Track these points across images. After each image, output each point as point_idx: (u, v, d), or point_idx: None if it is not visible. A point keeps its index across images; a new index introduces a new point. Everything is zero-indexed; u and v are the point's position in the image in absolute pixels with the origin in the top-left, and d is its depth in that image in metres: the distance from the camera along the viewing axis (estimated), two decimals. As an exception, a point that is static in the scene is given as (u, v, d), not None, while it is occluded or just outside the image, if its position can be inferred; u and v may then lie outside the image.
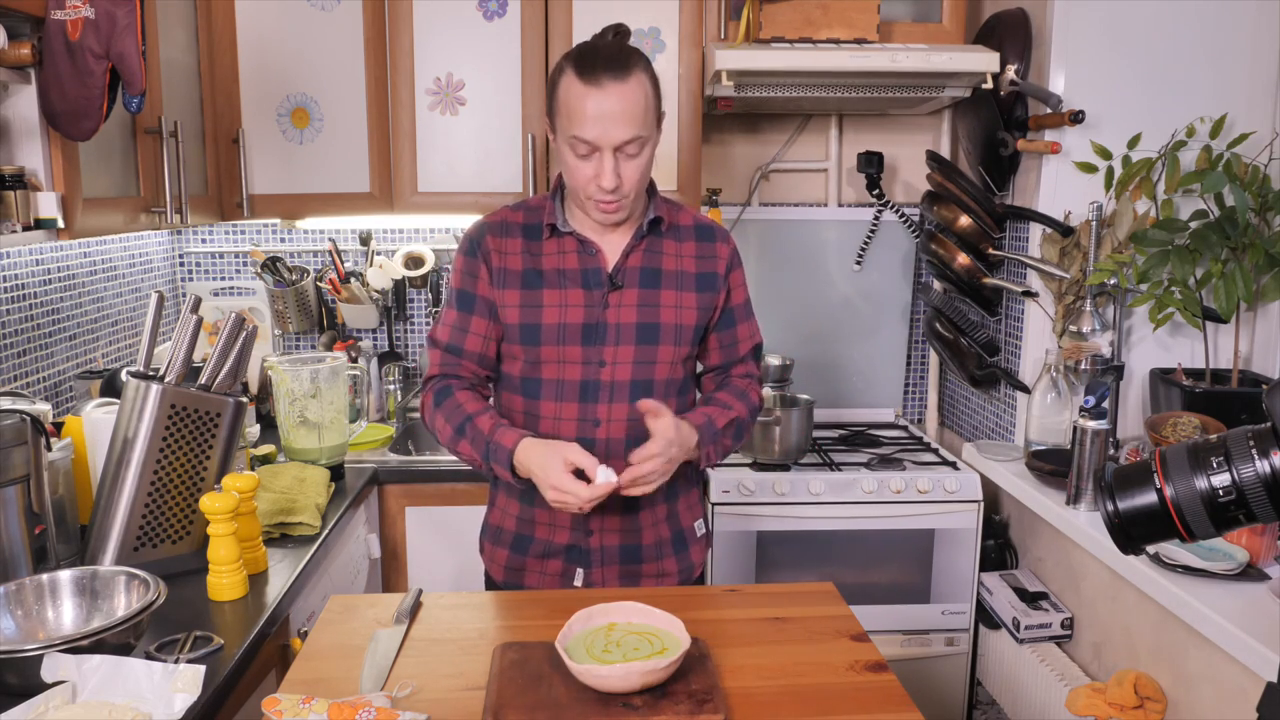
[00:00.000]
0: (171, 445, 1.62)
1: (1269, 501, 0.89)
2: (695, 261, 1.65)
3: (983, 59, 2.31)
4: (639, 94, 1.48)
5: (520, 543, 1.68)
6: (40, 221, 1.61)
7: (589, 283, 1.60)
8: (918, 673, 2.49)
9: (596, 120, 1.47)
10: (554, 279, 1.60)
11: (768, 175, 2.90)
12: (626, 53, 1.51)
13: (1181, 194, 2.25)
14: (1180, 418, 2.11)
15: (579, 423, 1.61)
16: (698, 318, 1.64)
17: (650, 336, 1.60)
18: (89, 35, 1.52)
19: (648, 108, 1.50)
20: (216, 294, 2.87)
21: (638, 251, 1.62)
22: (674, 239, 1.65)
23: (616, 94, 1.46)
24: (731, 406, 1.66)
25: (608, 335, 1.59)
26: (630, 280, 1.61)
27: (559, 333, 1.59)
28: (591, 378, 1.60)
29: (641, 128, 1.49)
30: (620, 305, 1.60)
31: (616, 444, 1.59)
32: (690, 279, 1.64)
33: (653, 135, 1.54)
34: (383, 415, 2.78)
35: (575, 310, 1.59)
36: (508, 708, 1.17)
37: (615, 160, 1.49)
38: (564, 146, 1.53)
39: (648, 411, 1.51)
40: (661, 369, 1.62)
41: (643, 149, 1.52)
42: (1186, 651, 1.75)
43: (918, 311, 2.95)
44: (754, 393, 1.73)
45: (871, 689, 1.27)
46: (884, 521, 2.41)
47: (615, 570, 1.66)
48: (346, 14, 2.42)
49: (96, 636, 1.26)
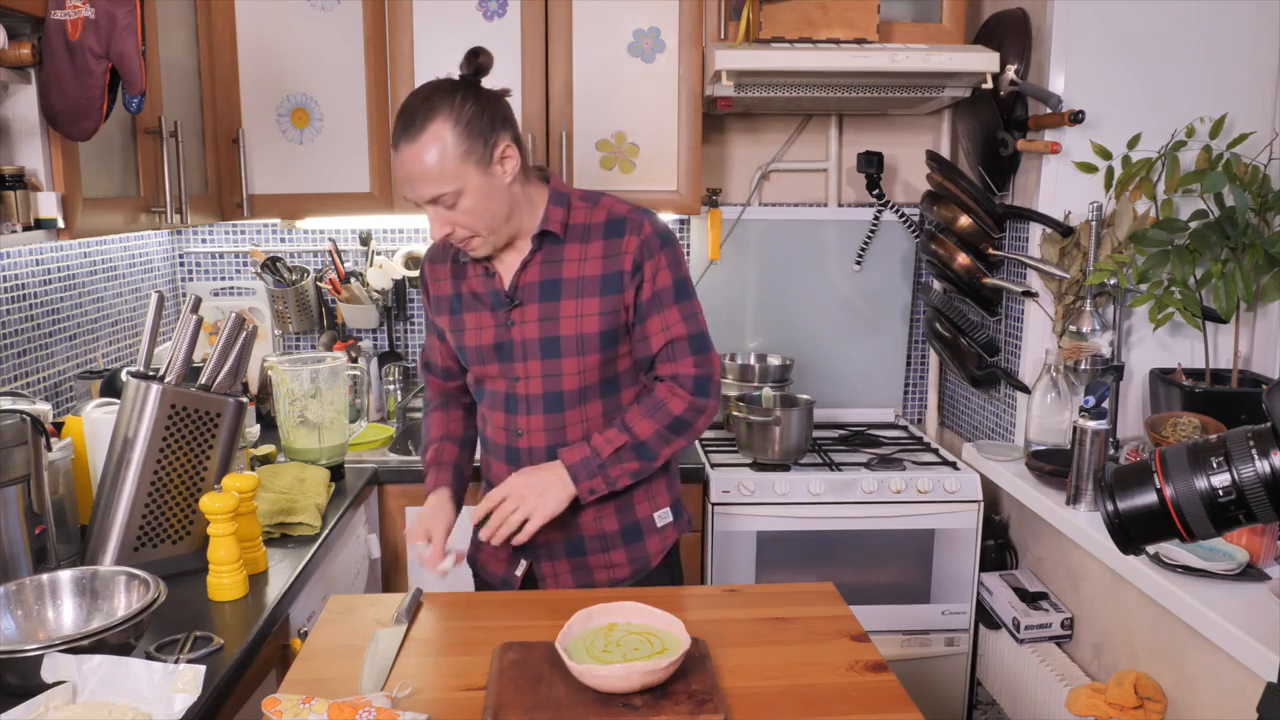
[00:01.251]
0: (171, 445, 1.62)
1: (1269, 501, 0.89)
2: (601, 263, 1.61)
3: (983, 59, 2.31)
4: (432, 149, 1.48)
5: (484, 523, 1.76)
6: (40, 221, 1.61)
7: (494, 304, 1.65)
8: (918, 673, 2.49)
9: (405, 182, 1.53)
10: (469, 302, 1.68)
11: (768, 175, 2.90)
12: (429, 103, 1.49)
13: (1181, 194, 2.25)
14: (1180, 418, 2.11)
15: (505, 431, 1.69)
16: (601, 324, 1.61)
17: (553, 350, 1.62)
18: (89, 35, 1.52)
19: (447, 157, 1.48)
20: (216, 294, 2.87)
21: (533, 266, 1.62)
22: (579, 242, 1.62)
23: (410, 156, 1.49)
24: (631, 428, 1.61)
25: (514, 352, 1.64)
26: (529, 296, 1.62)
27: (478, 353, 1.67)
28: (511, 391, 1.67)
29: (444, 182, 1.49)
30: (523, 322, 1.63)
31: (538, 452, 1.66)
32: (594, 283, 1.61)
33: (469, 180, 1.51)
34: (383, 415, 2.78)
35: (487, 331, 1.66)
36: (508, 708, 1.17)
37: (436, 211, 1.53)
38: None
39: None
40: (570, 380, 1.63)
41: (459, 198, 1.51)
42: (1186, 652, 1.75)
43: (918, 311, 2.95)
44: (676, 400, 1.63)
45: (871, 689, 1.27)
46: (884, 521, 2.41)
47: (565, 564, 1.72)
48: (346, 14, 2.42)
49: (96, 636, 1.26)
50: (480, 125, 1.51)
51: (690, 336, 1.63)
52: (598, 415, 1.66)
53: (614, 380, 1.67)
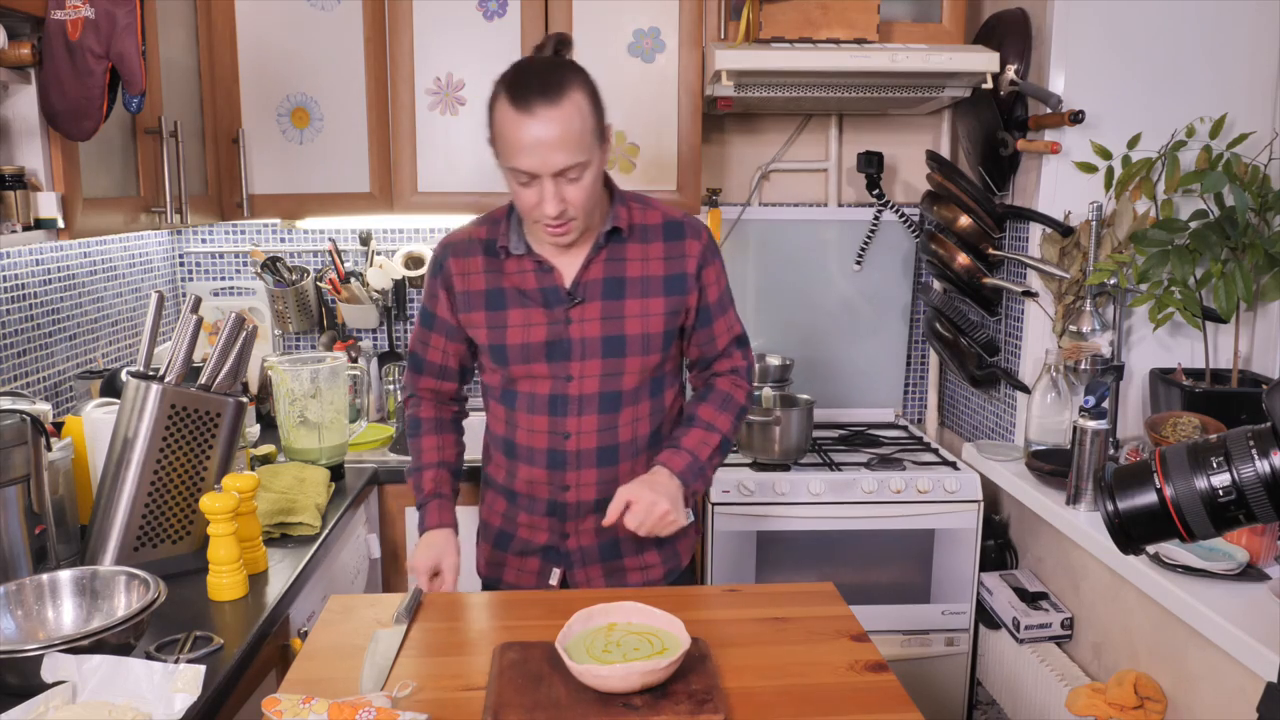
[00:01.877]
0: (171, 445, 1.61)
1: (1269, 501, 0.89)
2: (663, 264, 1.61)
3: (983, 59, 2.31)
4: (574, 117, 1.42)
5: (502, 539, 1.74)
6: (40, 221, 1.61)
7: (549, 301, 1.59)
8: (918, 673, 2.49)
9: (532, 149, 1.42)
10: (516, 298, 1.61)
11: (768, 175, 2.90)
12: (561, 71, 1.45)
13: (1181, 194, 2.25)
14: (1180, 418, 2.11)
15: (549, 435, 1.63)
16: (666, 323, 1.61)
17: (616, 349, 1.59)
18: (89, 35, 1.52)
19: (585, 129, 1.44)
20: (216, 294, 2.87)
21: (597, 263, 1.59)
22: (640, 242, 1.61)
23: (549, 120, 1.41)
24: (714, 425, 1.64)
25: (572, 351, 1.59)
26: (591, 293, 1.59)
27: (524, 351, 1.60)
28: (559, 392, 1.61)
29: (579, 152, 1.44)
30: (583, 320, 1.59)
31: (587, 455, 1.63)
32: (657, 283, 1.60)
33: (595, 155, 1.48)
34: (383, 415, 2.78)
35: (538, 329, 1.59)
36: (508, 708, 1.17)
37: (556, 186, 1.45)
38: (506, 173, 1.50)
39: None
40: (630, 379, 1.61)
41: (584, 172, 1.46)
42: (1186, 651, 1.75)
43: (918, 311, 2.95)
44: (739, 390, 1.70)
45: (871, 689, 1.27)
46: (884, 521, 2.41)
47: (598, 569, 1.70)
48: (346, 14, 2.42)
49: (96, 636, 1.26)
50: (600, 102, 1.49)
51: (742, 333, 1.73)
52: (645, 415, 1.65)
53: (662, 380, 1.67)
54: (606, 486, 1.62)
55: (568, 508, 1.66)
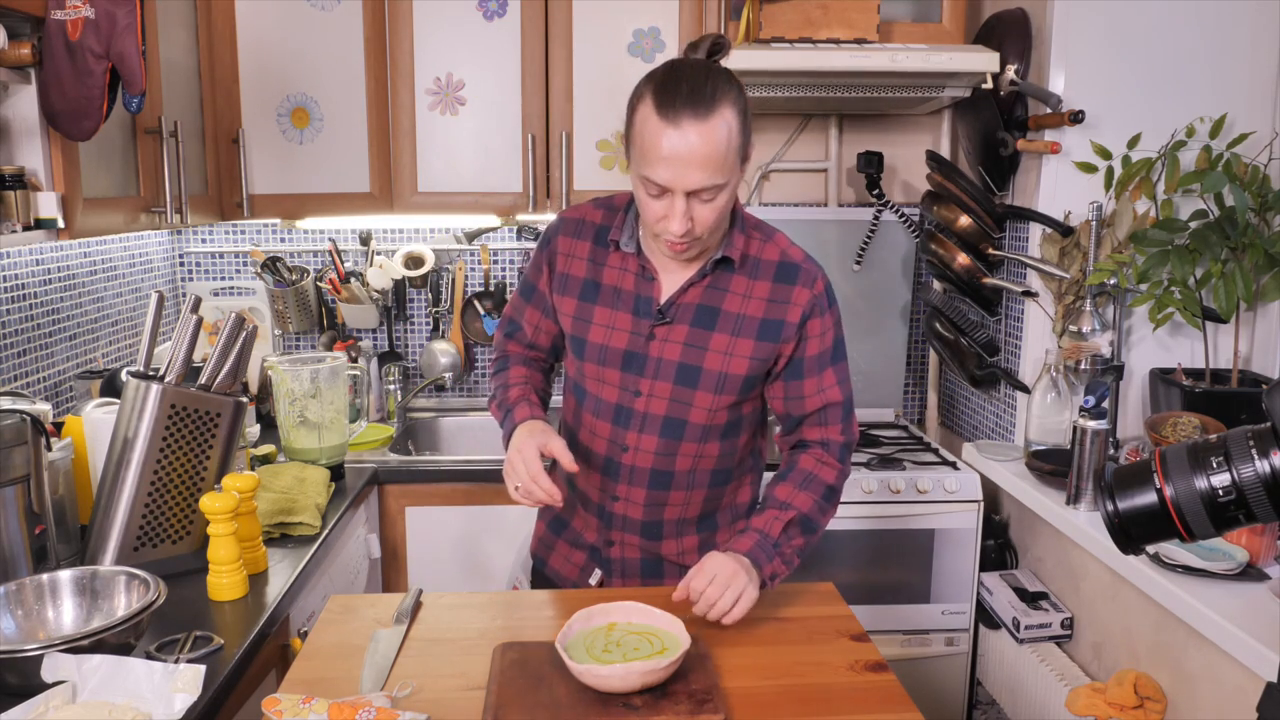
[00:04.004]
0: (171, 445, 1.61)
1: (1269, 501, 0.88)
2: (765, 305, 1.50)
3: (983, 59, 2.31)
4: (721, 135, 1.32)
5: (557, 523, 1.73)
6: (40, 221, 1.61)
7: (639, 310, 1.52)
8: (918, 673, 2.49)
9: (670, 163, 1.32)
10: (609, 296, 1.54)
11: (768, 175, 2.90)
12: (715, 81, 1.34)
13: (1181, 194, 2.25)
14: (1180, 418, 2.11)
15: (609, 443, 1.58)
16: (750, 368, 1.50)
17: (689, 379, 1.51)
18: (89, 35, 1.52)
19: (729, 149, 1.34)
20: (216, 294, 2.87)
21: (698, 287, 1.50)
22: (748, 276, 1.51)
23: (695, 135, 1.31)
24: (790, 504, 1.51)
25: (647, 367, 1.53)
26: (682, 317, 1.51)
27: (601, 353, 1.55)
28: (626, 404, 1.55)
29: (719, 174, 1.34)
30: (666, 340, 1.51)
31: (641, 473, 1.57)
32: (753, 324, 1.50)
33: (734, 177, 1.38)
34: (383, 415, 2.78)
35: (621, 335, 1.53)
36: (508, 708, 1.17)
37: (688, 204, 1.36)
38: (636, 179, 1.40)
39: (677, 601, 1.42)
40: (698, 413, 1.53)
41: (719, 194, 1.37)
42: (1186, 651, 1.75)
43: (918, 311, 2.95)
44: (826, 469, 1.55)
45: (871, 689, 1.27)
46: (884, 521, 2.41)
47: (637, 584, 1.65)
48: (346, 14, 2.42)
49: (96, 636, 1.26)
50: (749, 120, 1.39)
51: (844, 401, 1.56)
52: (712, 454, 1.57)
53: (738, 424, 1.58)
54: (654, 510, 1.58)
55: (614, 518, 1.62)
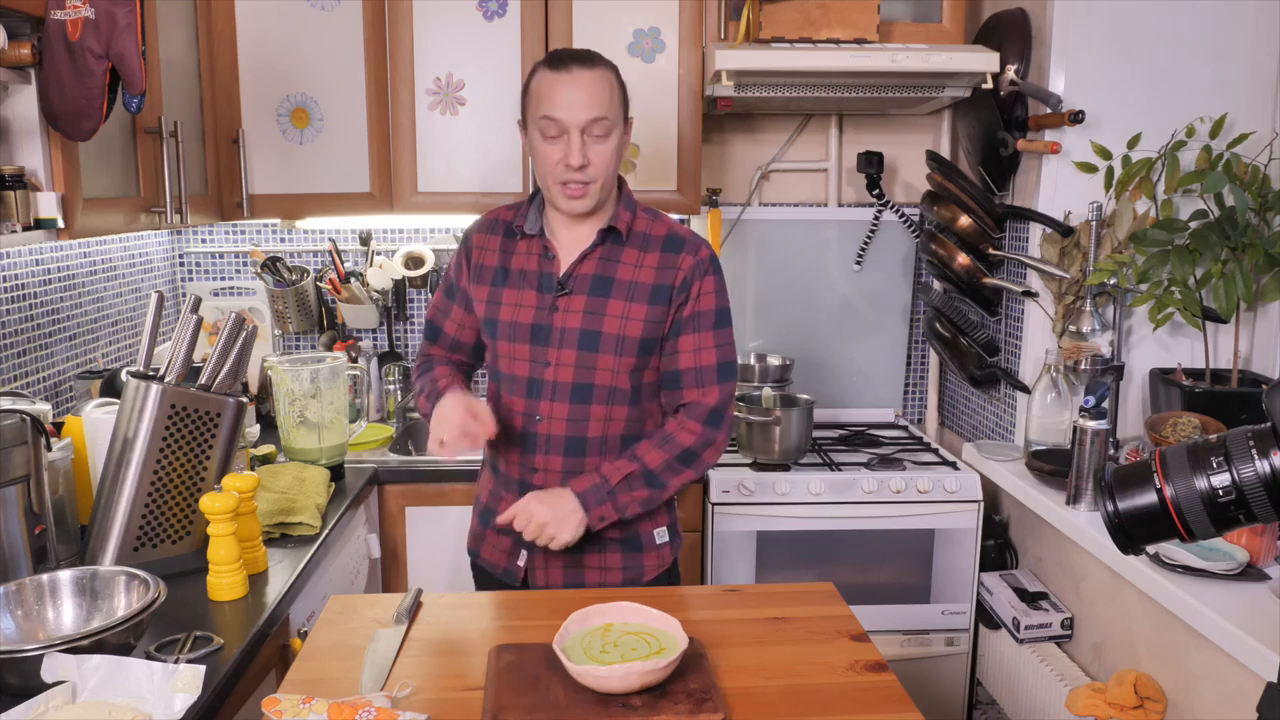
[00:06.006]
0: (171, 445, 1.62)
1: (1269, 501, 0.88)
2: (655, 273, 1.66)
3: (983, 59, 2.31)
4: (604, 81, 1.59)
5: (486, 514, 1.81)
6: (40, 221, 1.61)
7: (543, 286, 1.68)
8: (918, 673, 2.49)
9: (565, 102, 1.57)
10: (516, 279, 1.70)
11: (768, 175, 2.90)
12: (595, 53, 1.62)
13: (1181, 194, 2.25)
14: (1180, 418, 2.10)
15: (524, 416, 1.70)
16: (645, 330, 1.65)
17: (591, 344, 1.65)
18: (89, 35, 1.52)
19: (613, 97, 1.60)
20: (216, 294, 2.87)
21: (592, 259, 1.66)
22: (638, 248, 1.67)
23: (583, 78, 1.57)
24: (640, 457, 1.64)
25: (552, 337, 1.66)
26: (580, 287, 1.66)
27: (511, 330, 1.69)
28: (537, 375, 1.68)
29: (607, 109, 1.58)
30: (568, 310, 1.66)
31: (557, 440, 1.68)
32: (644, 290, 1.65)
33: (619, 125, 1.62)
34: (383, 415, 2.78)
35: (527, 310, 1.68)
36: (507, 709, 1.17)
37: (582, 141, 1.57)
38: (534, 133, 1.61)
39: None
40: (603, 375, 1.66)
41: (609, 133, 1.59)
42: (1186, 651, 1.75)
43: (918, 311, 2.95)
44: (685, 434, 1.66)
45: (871, 689, 1.27)
46: (884, 521, 2.41)
47: (559, 560, 1.71)
48: (346, 14, 2.42)
49: (96, 636, 1.26)
50: (627, 92, 1.66)
51: (719, 365, 1.68)
52: (620, 418, 1.69)
53: (640, 389, 1.70)
54: (571, 478, 1.66)
55: (534, 491, 1.68)
